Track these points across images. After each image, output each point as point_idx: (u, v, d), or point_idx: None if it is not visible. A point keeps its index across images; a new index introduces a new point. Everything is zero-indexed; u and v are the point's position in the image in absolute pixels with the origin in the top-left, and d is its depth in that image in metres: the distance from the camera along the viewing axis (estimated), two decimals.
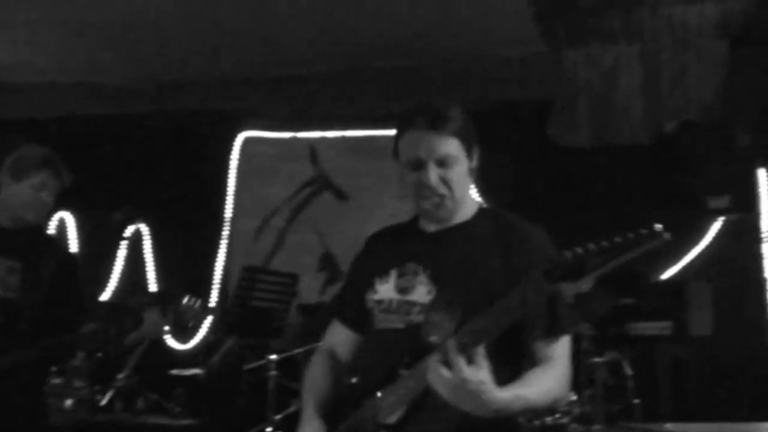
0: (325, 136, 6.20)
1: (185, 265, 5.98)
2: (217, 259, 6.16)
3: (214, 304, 6.07)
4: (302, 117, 6.21)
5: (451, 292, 1.95)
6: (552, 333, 1.93)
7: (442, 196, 2.04)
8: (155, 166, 6.20)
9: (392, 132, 2.12)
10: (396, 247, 2.15)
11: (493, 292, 1.89)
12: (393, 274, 2.09)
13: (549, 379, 1.92)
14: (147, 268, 6.23)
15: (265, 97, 6.21)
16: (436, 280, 2.01)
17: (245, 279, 4.90)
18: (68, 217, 6.38)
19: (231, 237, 6.23)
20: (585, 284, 1.70)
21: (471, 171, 2.10)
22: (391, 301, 2.07)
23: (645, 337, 4.88)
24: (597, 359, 4.44)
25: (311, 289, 5.77)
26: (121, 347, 3.01)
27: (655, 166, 5.21)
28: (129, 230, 6.16)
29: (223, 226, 6.22)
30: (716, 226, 5.24)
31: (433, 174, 2.02)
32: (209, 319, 5.99)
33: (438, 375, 1.77)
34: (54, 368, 4.55)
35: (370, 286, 2.12)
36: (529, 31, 4.88)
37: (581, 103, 4.90)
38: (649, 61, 4.79)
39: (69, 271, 3.08)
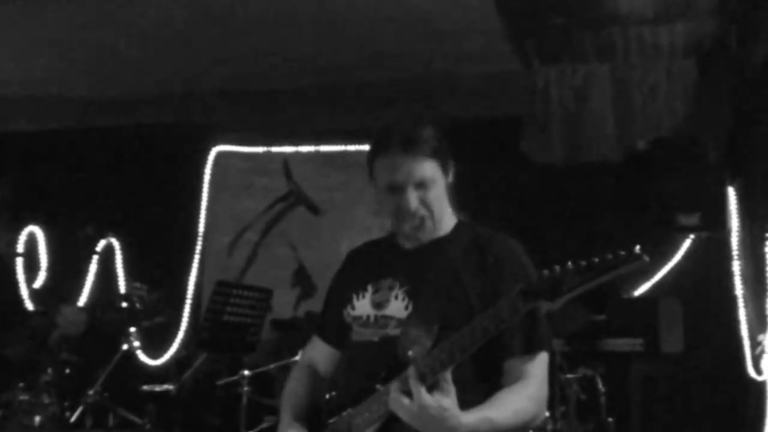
0: (299, 151, 6.20)
1: (157, 279, 5.93)
2: (190, 274, 6.12)
3: (187, 318, 6.02)
4: (276, 131, 6.21)
5: (428, 307, 1.96)
6: (528, 350, 1.94)
7: (422, 218, 2.05)
8: (128, 180, 6.16)
9: (366, 147, 2.13)
10: (373, 263, 2.17)
11: (469, 306, 1.92)
12: (369, 290, 2.11)
13: (520, 399, 1.91)
14: (118, 283, 6.18)
15: (238, 112, 6.20)
16: (412, 295, 2.02)
17: (218, 294, 4.86)
18: (38, 232, 6.31)
19: (204, 251, 6.19)
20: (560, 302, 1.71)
21: (448, 187, 2.11)
22: (368, 317, 2.08)
23: (617, 354, 4.91)
24: (569, 375, 4.46)
25: (285, 304, 5.74)
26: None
27: (626, 183, 5.26)
28: (100, 244, 6.11)
29: (196, 240, 6.19)
30: (687, 243, 5.29)
31: (413, 197, 2.03)
32: (180, 333, 5.95)
33: (398, 403, 1.80)
34: (21, 384, 4.48)
35: (348, 301, 2.14)
36: (501, 49, 4.92)
37: (554, 120, 4.94)
38: (620, 79, 4.85)
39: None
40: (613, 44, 4.78)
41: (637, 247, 1.61)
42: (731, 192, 5.15)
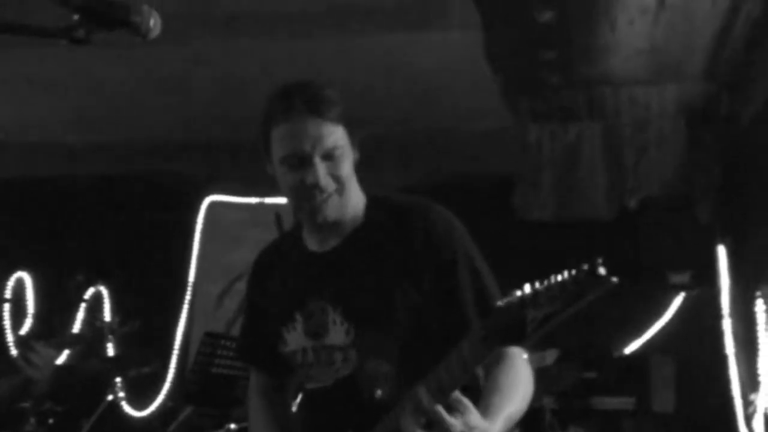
0: None
1: (145, 329, 5.87)
2: (178, 324, 6.08)
3: (174, 369, 5.95)
4: (269, 183, 6.21)
5: (370, 329, 1.71)
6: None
7: (330, 195, 1.73)
8: (119, 228, 6.14)
9: None
10: (289, 281, 1.86)
11: (413, 305, 1.69)
12: (299, 318, 1.81)
13: (521, 383, 1.71)
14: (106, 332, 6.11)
15: (232, 162, 6.22)
16: (349, 316, 1.74)
17: (206, 345, 4.81)
18: (26, 278, 6.27)
19: (193, 302, 6.16)
20: (550, 356, 1.65)
21: (355, 164, 1.81)
22: (305, 350, 1.80)
23: (608, 412, 4.88)
24: None
25: None
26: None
27: (617, 241, 5.28)
28: (89, 292, 6.07)
29: (186, 290, 6.15)
30: (678, 301, 5.30)
31: (321, 169, 1.71)
32: (166, 385, 5.87)
33: None
34: None
35: (279, 337, 1.85)
36: (494, 106, 4.98)
37: (545, 177, 4.98)
38: (612, 138, 4.91)
39: None
40: (604, 104, 4.85)
41: (602, 269, 1.40)
42: (722, 251, 5.17)
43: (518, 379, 1.71)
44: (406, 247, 1.73)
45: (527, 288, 1.44)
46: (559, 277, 1.42)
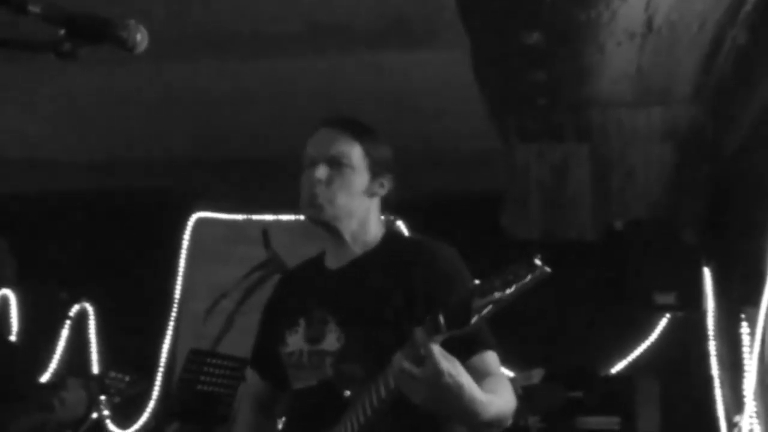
0: (279, 219, 6.21)
1: (131, 346, 5.84)
2: (164, 341, 6.04)
3: (159, 387, 5.91)
4: (256, 199, 6.22)
5: (357, 337, 1.83)
6: (470, 354, 1.77)
7: (314, 196, 1.89)
8: (104, 244, 6.12)
9: None
10: (303, 292, 2.00)
11: (401, 330, 1.73)
12: (302, 324, 1.94)
13: (497, 392, 1.74)
14: (91, 349, 6.08)
15: (219, 179, 6.22)
16: (343, 325, 1.87)
17: (192, 362, 4.79)
18: (10, 295, 6.22)
19: (179, 319, 6.13)
20: (536, 375, 1.67)
21: (372, 193, 1.95)
22: (301, 353, 1.92)
23: None
24: None
25: None
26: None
27: (603, 262, 5.29)
28: (74, 309, 6.03)
29: (172, 307, 6.13)
30: (663, 322, 5.32)
31: (320, 171, 1.89)
32: (151, 402, 5.83)
33: (408, 374, 1.56)
34: None
35: (281, 339, 1.98)
36: (482, 127, 5.00)
37: (533, 198, 5.01)
38: (599, 159, 4.94)
39: None
40: (592, 126, 4.89)
41: (537, 259, 1.56)
42: (707, 273, 5.20)
43: (499, 388, 1.75)
44: (405, 276, 1.84)
45: (475, 282, 1.58)
46: (502, 270, 1.56)
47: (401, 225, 5.58)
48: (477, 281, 1.57)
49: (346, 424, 1.75)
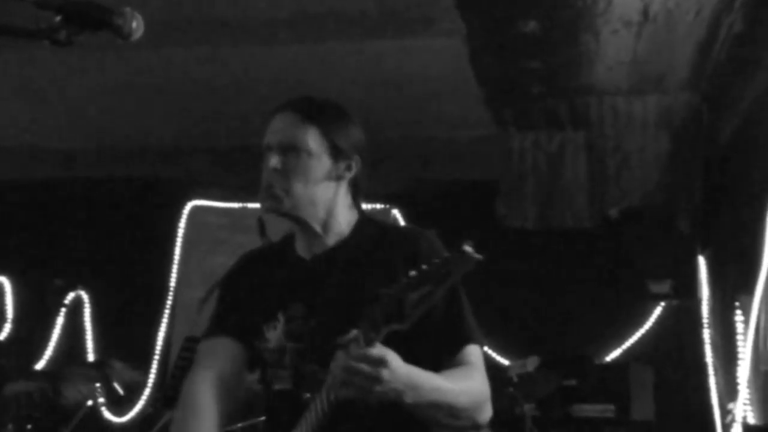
0: None
1: (126, 334, 5.84)
2: (159, 329, 6.04)
3: (154, 375, 5.92)
4: (252, 188, 6.20)
5: (334, 336, 1.67)
6: (453, 350, 1.73)
7: (270, 187, 1.77)
8: (100, 232, 6.10)
9: None
10: (277, 281, 1.87)
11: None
12: (281, 319, 1.82)
13: (467, 378, 1.70)
14: (86, 337, 6.08)
15: (215, 167, 6.20)
16: (321, 325, 1.78)
17: (187, 350, 4.78)
18: (5, 282, 6.21)
19: (174, 307, 6.12)
20: (531, 363, 1.64)
21: (338, 177, 1.81)
22: (284, 349, 1.82)
23: (588, 419, 4.89)
24: None
25: None
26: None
27: (598, 250, 5.31)
28: (69, 297, 6.03)
29: (167, 295, 6.12)
30: (658, 310, 5.33)
31: (273, 161, 1.76)
32: (147, 390, 5.84)
33: (341, 366, 1.55)
34: None
35: (259, 332, 1.85)
36: (478, 114, 4.99)
37: (528, 185, 5.01)
38: (594, 147, 4.95)
39: None
40: (588, 114, 4.88)
41: (467, 247, 1.46)
42: (702, 261, 5.21)
43: (465, 374, 1.70)
44: (387, 266, 1.73)
45: (407, 275, 1.51)
46: (432, 262, 1.49)
47: (397, 214, 5.58)
48: (412, 272, 1.49)
49: (301, 428, 1.68)
